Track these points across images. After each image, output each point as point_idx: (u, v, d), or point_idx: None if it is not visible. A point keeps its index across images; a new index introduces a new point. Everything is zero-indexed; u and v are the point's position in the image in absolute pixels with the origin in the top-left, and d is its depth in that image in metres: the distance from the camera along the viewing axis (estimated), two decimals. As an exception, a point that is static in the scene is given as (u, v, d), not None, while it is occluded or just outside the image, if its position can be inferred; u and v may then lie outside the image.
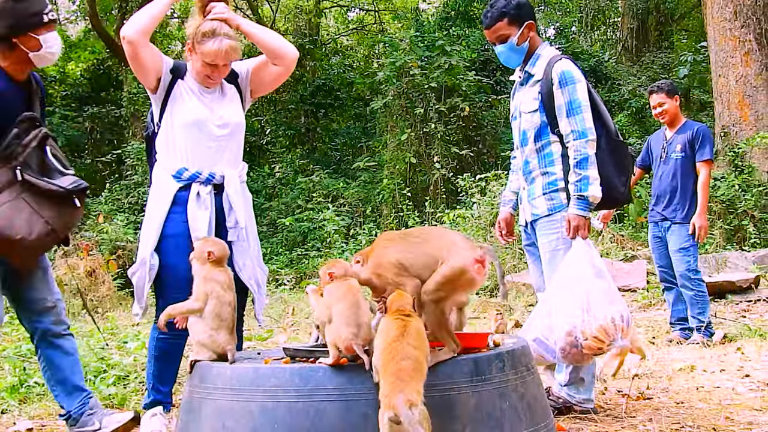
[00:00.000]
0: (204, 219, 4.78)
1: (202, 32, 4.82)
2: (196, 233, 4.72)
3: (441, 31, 21.49)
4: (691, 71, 19.96)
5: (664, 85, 8.36)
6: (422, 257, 3.74)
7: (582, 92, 5.02)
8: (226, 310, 4.11)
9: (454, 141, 19.12)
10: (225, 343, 4.03)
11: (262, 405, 3.56)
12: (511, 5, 5.18)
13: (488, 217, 14.43)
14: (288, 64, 5.14)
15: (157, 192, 4.87)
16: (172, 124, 4.87)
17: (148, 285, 4.73)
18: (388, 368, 3.31)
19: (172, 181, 4.81)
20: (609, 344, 4.63)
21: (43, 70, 25.29)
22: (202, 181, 4.81)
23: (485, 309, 10.42)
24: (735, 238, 14.33)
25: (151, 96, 4.96)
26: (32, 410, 5.62)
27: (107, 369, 6.45)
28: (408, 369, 3.29)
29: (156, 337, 4.81)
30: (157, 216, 4.78)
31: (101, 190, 18.91)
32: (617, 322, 4.63)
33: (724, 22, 15.97)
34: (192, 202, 4.77)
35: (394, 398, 3.18)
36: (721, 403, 5.39)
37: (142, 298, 4.79)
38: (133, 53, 4.70)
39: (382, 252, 3.83)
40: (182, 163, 4.81)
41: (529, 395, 3.89)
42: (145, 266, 4.71)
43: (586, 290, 4.71)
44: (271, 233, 18.92)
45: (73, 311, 11.49)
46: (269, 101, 25.02)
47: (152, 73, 4.82)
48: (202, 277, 4.14)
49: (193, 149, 4.84)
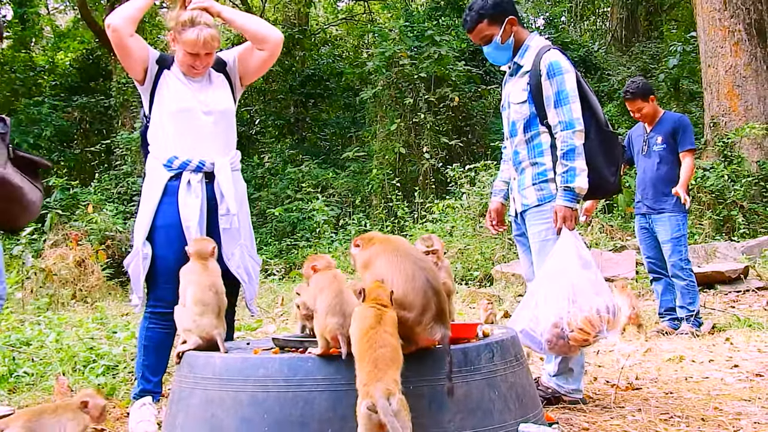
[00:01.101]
0: (195, 207, 4.78)
1: (182, 22, 4.82)
2: (187, 222, 4.73)
3: (430, 21, 21.44)
4: (681, 61, 19.93)
5: (638, 91, 8.25)
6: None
7: (570, 83, 5.00)
8: (208, 295, 4.13)
9: (444, 131, 19.11)
10: (210, 327, 4.04)
11: (251, 395, 3.57)
12: (488, 5, 5.16)
13: (477, 207, 14.43)
14: (272, 48, 5.12)
15: (149, 182, 4.88)
16: (160, 114, 4.88)
17: (143, 275, 4.72)
18: (366, 356, 3.31)
19: (163, 170, 4.82)
20: (595, 336, 4.65)
21: (32, 60, 25.27)
22: (192, 169, 4.81)
23: (474, 299, 10.42)
24: (724, 228, 14.35)
25: (139, 88, 4.97)
26: (22, 400, 5.60)
27: (96, 359, 6.44)
28: (386, 357, 3.30)
29: (146, 327, 4.83)
30: (149, 206, 4.79)
31: (90, 180, 18.86)
32: (602, 313, 4.64)
33: (713, 12, 15.98)
34: (183, 191, 4.78)
35: (372, 387, 3.19)
36: (710, 393, 5.41)
37: (138, 289, 4.78)
38: (119, 41, 4.71)
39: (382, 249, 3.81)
40: (172, 152, 4.81)
41: (518, 385, 3.90)
42: (139, 256, 4.72)
43: (571, 281, 4.72)
44: (261, 223, 18.88)
45: (62, 301, 11.48)
46: (258, 91, 24.95)
47: (139, 63, 4.83)
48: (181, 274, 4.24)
49: (181, 138, 4.84)
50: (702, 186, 14.16)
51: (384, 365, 3.27)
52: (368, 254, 3.80)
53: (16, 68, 24.28)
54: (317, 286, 3.73)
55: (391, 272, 3.61)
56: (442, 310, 3.58)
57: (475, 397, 3.65)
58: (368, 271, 3.71)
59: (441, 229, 14.86)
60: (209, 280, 4.20)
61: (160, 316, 4.55)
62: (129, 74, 4.92)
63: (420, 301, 3.53)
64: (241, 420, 3.56)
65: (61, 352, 6.53)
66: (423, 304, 3.53)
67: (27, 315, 9.31)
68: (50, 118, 21.23)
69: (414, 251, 3.81)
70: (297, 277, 14.23)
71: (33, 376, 6.07)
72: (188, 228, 4.75)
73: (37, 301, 10.69)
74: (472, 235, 13.97)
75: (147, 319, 4.80)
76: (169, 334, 4.78)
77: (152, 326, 4.77)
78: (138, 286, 4.77)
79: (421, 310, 3.52)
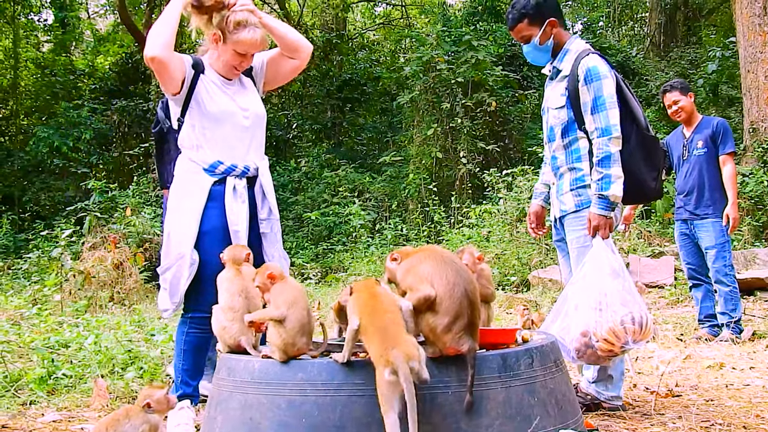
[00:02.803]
0: (242, 212, 4.83)
1: (234, 22, 4.83)
2: (235, 227, 4.76)
3: (468, 26, 21.46)
4: (720, 67, 19.81)
5: (677, 84, 8.35)
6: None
7: (608, 88, 4.94)
8: (238, 300, 4.13)
9: (481, 136, 19.09)
10: (238, 333, 4.05)
11: (289, 399, 3.56)
12: (530, 5, 5.14)
13: (514, 212, 14.40)
14: (304, 58, 5.20)
15: (187, 186, 4.84)
16: (200, 118, 4.86)
17: (188, 281, 4.69)
18: (374, 325, 3.33)
19: (204, 175, 4.80)
20: (621, 347, 4.61)
21: (73, 64, 25.50)
22: (237, 174, 4.83)
23: (511, 305, 10.39)
24: (764, 234, 14.23)
25: (172, 99, 4.92)
26: (60, 402, 5.64)
27: (134, 361, 6.48)
28: (395, 322, 3.35)
29: (186, 331, 4.82)
30: (194, 211, 4.76)
31: (129, 183, 18.99)
32: (627, 324, 4.59)
33: (753, 18, 15.83)
34: (229, 196, 4.79)
35: (390, 354, 3.19)
36: (751, 400, 5.35)
37: (176, 294, 4.74)
38: (162, 69, 4.69)
39: (425, 256, 3.80)
40: (216, 157, 4.81)
41: (558, 391, 3.87)
42: (185, 262, 4.69)
43: (601, 290, 4.69)
44: (297, 227, 18.95)
45: (100, 303, 11.56)
46: (296, 96, 25.07)
47: (178, 77, 4.79)
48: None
49: (224, 142, 4.85)
50: (741, 192, 14.02)
51: (395, 330, 3.31)
52: (410, 262, 3.79)
53: (56, 72, 24.55)
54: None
55: (432, 275, 3.59)
56: (473, 323, 3.57)
57: (515, 403, 3.62)
58: (411, 274, 3.70)
59: (477, 234, 14.84)
60: (240, 285, 4.20)
61: (201, 321, 4.55)
62: (165, 90, 4.84)
63: (454, 310, 3.52)
64: (279, 424, 3.56)
65: (100, 354, 6.57)
66: (456, 312, 3.51)
67: (65, 317, 9.36)
68: (89, 121, 21.43)
69: (457, 261, 3.79)
70: (333, 282, 14.26)
71: (72, 378, 6.10)
72: (237, 233, 4.77)
73: (76, 304, 10.76)
74: (509, 240, 13.93)
75: (187, 324, 4.80)
76: (208, 339, 4.79)
77: (193, 331, 4.77)
78: (176, 291, 4.73)
79: (453, 318, 3.51)
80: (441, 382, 3.49)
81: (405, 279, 3.74)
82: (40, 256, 14.12)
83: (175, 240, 4.77)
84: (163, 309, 4.85)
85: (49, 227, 15.23)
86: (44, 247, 14.54)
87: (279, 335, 3.64)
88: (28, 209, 20.47)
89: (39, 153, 20.43)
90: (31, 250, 15.08)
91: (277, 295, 3.76)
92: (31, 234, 16.98)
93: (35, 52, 26.90)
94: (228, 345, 4.09)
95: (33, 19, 27.48)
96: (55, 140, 19.99)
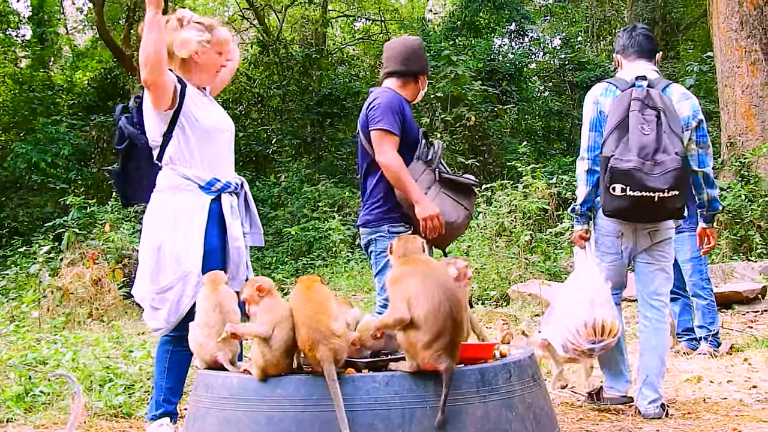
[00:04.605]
0: (240, 229, 4.85)
1: (208, 26, 4.87)
2: (237, 243, 4.76)
3: (447, 41, 21.54)
4: (697, 81, 19.92)
5: None
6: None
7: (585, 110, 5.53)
8: (212, 316, 4.10)
9: (460, 151, 19.13)
10: (215, 349, 4.03)
11: (268, 415, 3.56)
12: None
13: (494, 227, 14.40)
14: None
15: (183, 203, 4.71)
16: (193, 133, 4.78)
17: (192, 301, 4.54)
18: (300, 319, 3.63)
19: (201, 192, 4.74)
20: (583, 350, 5.22)
21: (51, 79, 25.42)
22: (230, 191, 4.83)
23: (491, 319, 10.39)
24: (741, 248, 14.29)
25: (159, 115, 4.75)
26: (37, 419, 5.61)
27: (113, 378, 6.45)
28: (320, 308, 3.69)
29: (170, 350, 4.75)
30: (198, 229, 4.67)
31: (107, 199, 18.89)
32: (579, 328, 5.18)
33: (730, 32, 15.96)
34: (228, 214, 4.77)
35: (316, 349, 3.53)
36: (729, 414, 5.38)
37: (176, 314, 4.62)
38: (162, 91, 4.61)
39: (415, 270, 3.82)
40: (212, 174, 4.77)
41: (536, 406, 3.88)
42: (190, 280, 4.59)
43: (572, 297, 5.34)
44: (277, 242, 18.90)
45: (78, 320, 11.50)
46: (276, 110, 25.04)
47: (171, 93, 4.68)
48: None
49: (215, 158, 4.83)
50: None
51: (317, 316, 3.60)
52: (401, 271, 3.81)
53: (34, 87, 24.45)
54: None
55: (418, 293, 3.60)
56: (455, 343, 3.59)
57: (493, 418, 3.63)
58: (397, 287, 3.71)
59: (457, 248, 14.84)
60: (215, 301, 4.17)
61: (185, 340, 4.53)
62: (157, 107, 4.66)
63: (437, 329, 3.53)
64: (257, 440, 3.56)
65: (78, 371, 6.53)
66: (439, 331, 3.52)
67: (43, 334, 9.31)
68: (68, 137, 21.32)
69: (445, 278, 3.80)
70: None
71: (49, 395, 6.07)
72: (238, 248, 4.78)
73: (54, 320, 10.71)
74: (489, 254, 13.93)
75: (171, 343, 4.74)
76: (189, 357, 4.75)
77: (178, 349, 4.71)
78: (177, 311, 4.61)
79: (434, 336, 3.52)
80: (419, 397, 3.50)
81: (391, 288, 3.76)
82: (18, 273, 14.01)
83: (175, 258, 4.64)
84: (155, 328, 4.75)
85: (27, 243, 15.13)
86: (22, 263, 14.44)
87: (262, 355, 3.63)
88: (6, 225, 20.33)
89: (17, 169, 20.31)
90: (9, 266, 14.96)
91: (264, 311, 3.73)
92: (8, 250, 16.86)
93: (13, 68, 26.78)
94: (205, 361, 4.08)
95: (11, 34, 27.40)
96: (34, 156, 19.88)
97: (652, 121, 5.13)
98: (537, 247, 14.02)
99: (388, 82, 5.83)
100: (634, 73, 5.44)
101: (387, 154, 5.40)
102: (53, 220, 15.89)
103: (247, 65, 26.36)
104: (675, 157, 5.04)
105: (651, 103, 5.17)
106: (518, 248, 13.42)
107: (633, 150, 5.07)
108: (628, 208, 5.16)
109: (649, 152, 5.06)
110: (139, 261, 4.81)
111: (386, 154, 5.40)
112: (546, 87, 25.92)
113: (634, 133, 5.11)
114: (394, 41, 6.07)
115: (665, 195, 5.05)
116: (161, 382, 4.79)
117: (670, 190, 5.04)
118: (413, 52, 5.86)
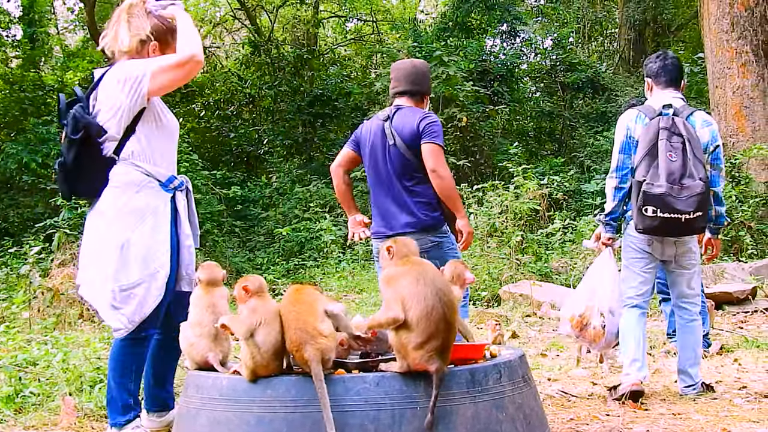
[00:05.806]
0: (189, 228, 4.83)
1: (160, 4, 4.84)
2: (188, 241, 4.74)
3: (438, 42, 21.48)
4: (688, 82, 19.92)
5: (638, 102, 8.34)
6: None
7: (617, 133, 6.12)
8: (205, 317, 4.11)
9: (452, 151, 19.09)
10: (206, 350, 4.03)
11: (258, 416, 3.55)
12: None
13: (485, 227, 14.39)
14: None
15: (146, 200, 4.64)
16: (157, 130, 4.75)
17: (158, 299, 4.54)
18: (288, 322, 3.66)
19: (161, 190, 4.70)
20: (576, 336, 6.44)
21: (42, 80, 25.35)
22: (182, 189, 4.81)
23: (482, 320, 10.39)
24: (732, 249, 14.31)
25: (134, 103, 4.65)
26: (28, 420, 5.59)
27: (103, 379, 6.43)
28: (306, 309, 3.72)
29: (132, 351, 4.61)
30: (164, 226, 4.64)
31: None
32: (567, 316, 6.39)
33: (721, 34, 15.98)
34: (183, 211, 4.77)
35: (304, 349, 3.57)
36: (718, 414, 5.39)
37: (140, 312, 4.50)
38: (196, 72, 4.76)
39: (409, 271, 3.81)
40: (170, 171, 4.77)
41: (526, 406, 3.89)
42: (159, 277, 4.56)
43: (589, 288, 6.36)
44: (268, 243, 18.86)
45: (69, 321, 11.46)
46: (267, 111, 25.00)
47: None
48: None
49: (171, 156, 4.84)
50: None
51: (304, 317, 3.62)
52: (396, 272, 3.81)
53: (25, 87, 24.35)
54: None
55: (412, 295, 3.62)
56: (446, 346, 3.62)
57: (483, 419, 3.63)
58: (391, 287, 3.73)
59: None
60: (207, 301, 4.17)
61: (147, 339, 4.48)
62: (156, 95, 4.68)
63: (430, 331, 3.55)
64: (247, 441, 3.55)
65: (68, 372, 6.51)
66: (431, 333, 3.54)
67: (34, 335, 9.29)
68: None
69: (439, 280, 3.80)
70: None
71: (39, 396, 6.05)
72: (189, 247, 4.76)
73: (44, 321, 10.67)
74: (480, 255, 13.92)
75: (132, 344, 4.59)
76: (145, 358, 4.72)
77: (143, 350, 4.66)
78: (141, 309, 4.50)
79: (426, 338, 3.54)
80: (409, 398, 3.50)
81: (385, 288, 3.77)
82: (8, 274, 13.97)
83: (141, 256, 4.56)
84: (116, 329, 4.55)
85: (18, 244, 15.06)
86: (12, 264, 14.39)
87: (252, 356, 3.63)
88: (-4, 226, 20.30)
89: (7, 169, 20.21)
90: (-1, 267, 14.94)
91: (248, 313, 3.73)
92: (-1, 251, 16.84)
93: (3, 68, 26.67)
94: (195, 362, 4.07)
95: (1, 34, 27.31)
96: (24, 156, 19.78)
97: (678, 148, 5.69)
98: (528, 247, 14.01)
99: (401, 100, 6.16)
100: (662, 102, 5.94)
101: (446, 169, 5.89)
102: (44, 220, 15.80)
103: (239, 66, 26.33)
104: (699, 183, 5.63)
105: (677, 131, 5.73)
106: (509, 249, 13.41)
107: (662, 176, 5.64)
108: (659, 227, 5.74)
109: (677, 177, 5.63)
110: (92, 259, 4.67)
111: (446, 169, 5.88)
112: (537, 88, 25.89)
113: (662, 160, 5.66)
114: (405, 62, 6.44)
115: (691, 216, 5.64)
116: (128, 384, 4.61)
117: (695, 212, 5.64)
118: (422, 75, 6.21)
